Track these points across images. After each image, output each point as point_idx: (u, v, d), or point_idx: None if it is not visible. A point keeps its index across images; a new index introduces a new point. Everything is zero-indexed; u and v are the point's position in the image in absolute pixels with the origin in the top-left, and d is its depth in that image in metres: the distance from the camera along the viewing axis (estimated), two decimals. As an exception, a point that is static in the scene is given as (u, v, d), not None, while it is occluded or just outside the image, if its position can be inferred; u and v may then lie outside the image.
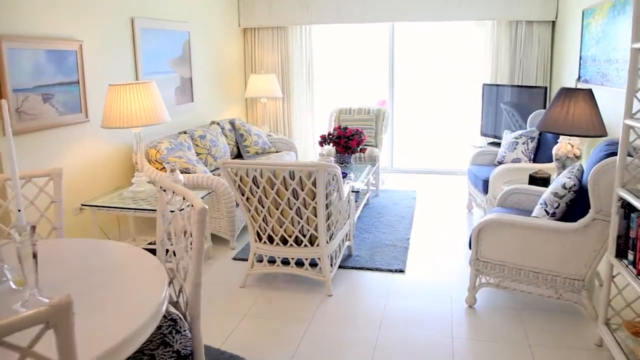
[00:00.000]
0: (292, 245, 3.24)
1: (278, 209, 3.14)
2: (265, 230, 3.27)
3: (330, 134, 4.85)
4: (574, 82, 4.71)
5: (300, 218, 3.13)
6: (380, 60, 6.61)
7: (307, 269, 3.27)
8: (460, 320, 2.89)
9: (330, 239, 3.28)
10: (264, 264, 3.37)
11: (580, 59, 4.57)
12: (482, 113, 5.82)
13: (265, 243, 3.31)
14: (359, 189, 4.23)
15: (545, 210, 2.85)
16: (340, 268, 3.60)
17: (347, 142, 4.76)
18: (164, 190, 2.02)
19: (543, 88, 5.02)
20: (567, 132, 3.39)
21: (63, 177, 2.35)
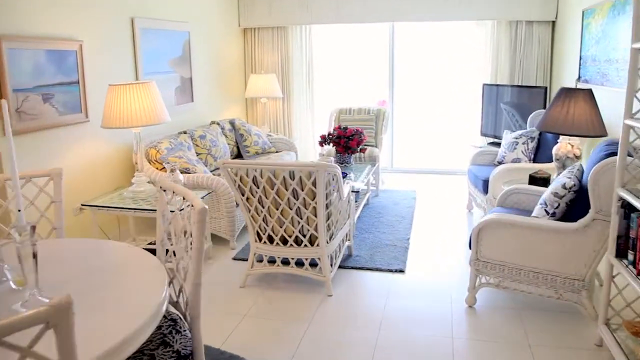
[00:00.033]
0: (292, 245, 3.24)
1: (278, 209, 3.14)
2: (265, 230, 3.27)
3: (330, 134, 4.85)
4: (574, 82, 4.71)
5: (300, 218, 3.13)
6: (381, 60, 6.61)
7: (307, 269, 3.27)
8: (460, 320, 2.89)
9: (330, 239, 3.28)
10: (264, 264, 3.37)
11: (580, 59, 4.57)
12: (482, 113, 5.82)
13: (265, 243, 3.31)
14: (359, 189, 4.23)
15: (545, 210, 2.85)
16: (340, 268, 3.60)
17: (347, 142, 4.76)
18: (164, 190, 2.02)
19: (543, 88, 5.02)
20: (567, 132, 3.39)
21: (63, 177, 2.35)
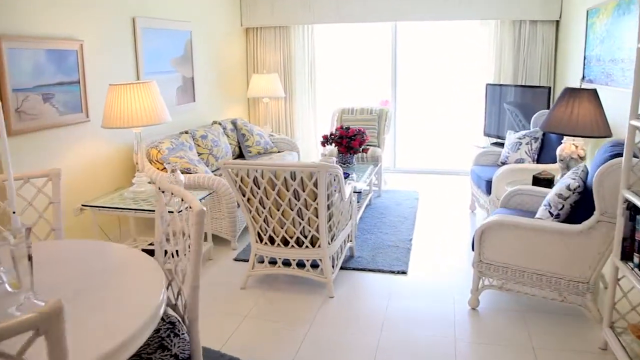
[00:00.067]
0: (293, 247, 3.22)
1: (279, 210, 3.11)
2: (267, 231, 3.25)
3: (333, 134, 4.82)
4: (578, 82, 4.67)
5: (302, 219, 3.11)
6: (383, 60, 6.58)
7: (308, 270, 3.25)
8: (463, 323, 2.87)
9: (332, 240, 3.25)
10: (265, 265, 3.34)
11: (585, 59, 4.53)
12: (485, 113, 5.78)
13: (267, 244, 3.29)
14: (361, 190, 4.20)
15: (549, 212, 2.81)
16: (342, 269, 3.57)
17: (349, 142, 4.74)
18: (163, 192, 2.00)
19: (547, 88, 4.98)
20: (571, 132, 3.35)
21: (61, 177, 2.33)
